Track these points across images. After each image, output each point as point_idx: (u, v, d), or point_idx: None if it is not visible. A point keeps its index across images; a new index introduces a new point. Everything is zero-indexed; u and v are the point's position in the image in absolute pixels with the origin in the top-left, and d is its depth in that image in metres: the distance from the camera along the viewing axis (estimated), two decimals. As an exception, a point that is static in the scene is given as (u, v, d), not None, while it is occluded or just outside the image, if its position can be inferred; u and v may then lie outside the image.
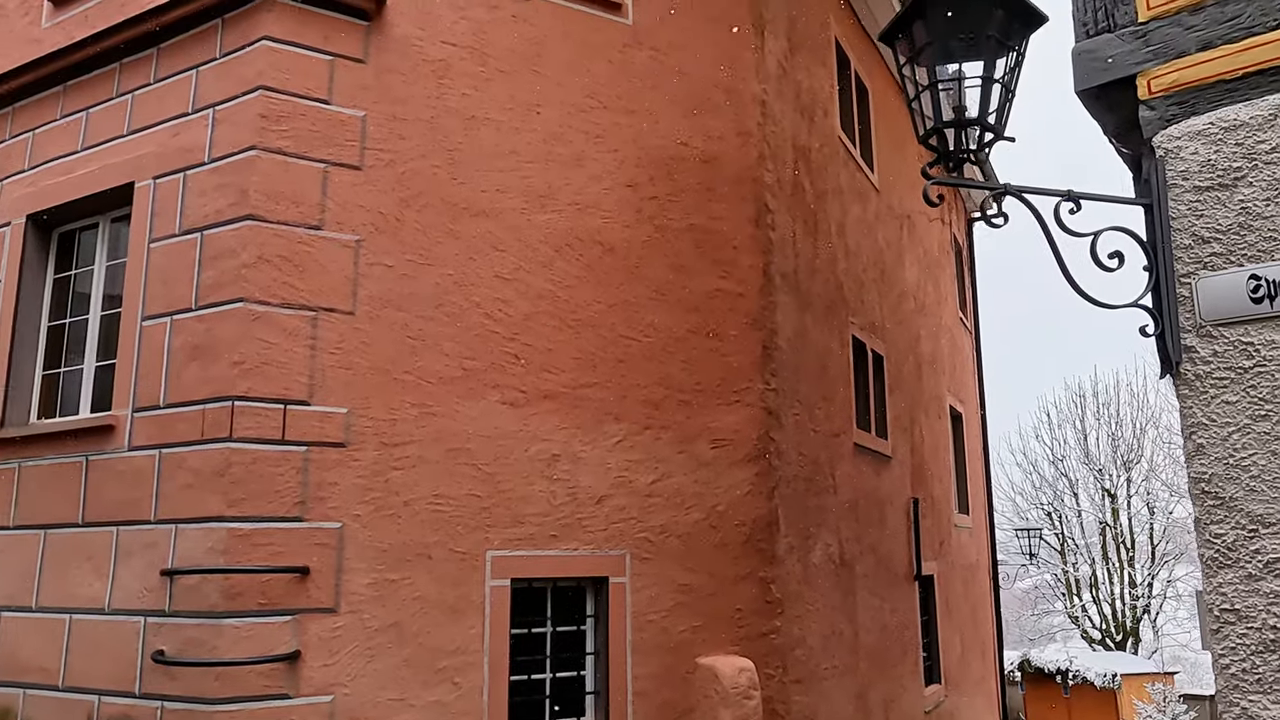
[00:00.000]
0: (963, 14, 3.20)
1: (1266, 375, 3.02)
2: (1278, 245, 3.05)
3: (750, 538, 6.11)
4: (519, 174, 5.77)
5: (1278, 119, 3.12)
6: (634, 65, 6.31)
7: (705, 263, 6.31)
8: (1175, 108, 3.37)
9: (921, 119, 3.34)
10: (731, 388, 6.24)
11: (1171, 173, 3.29)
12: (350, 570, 4.90)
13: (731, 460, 6.13)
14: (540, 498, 5.49)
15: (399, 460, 5.13)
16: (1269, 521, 2.96)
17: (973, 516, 13.53)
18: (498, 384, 5.48)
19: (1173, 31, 3.40)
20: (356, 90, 5.37)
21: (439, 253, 5.45)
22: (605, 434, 5.76)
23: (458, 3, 5.75)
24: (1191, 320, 3.18)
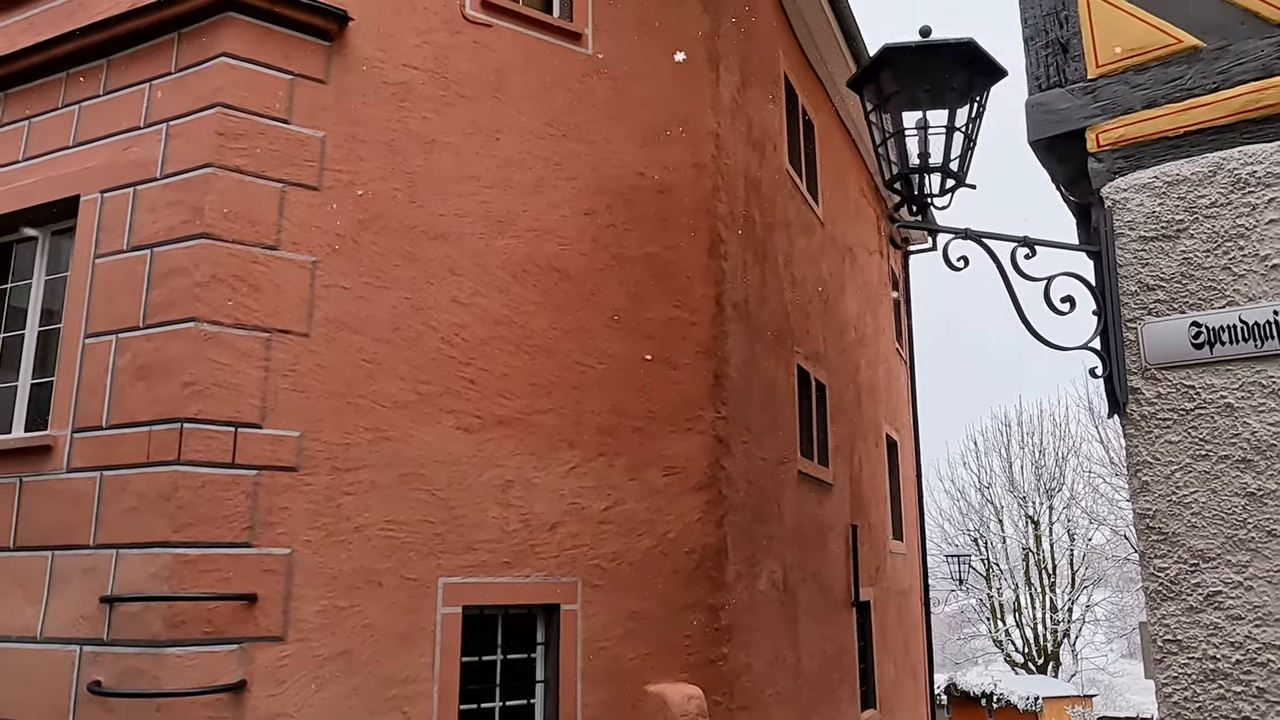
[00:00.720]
0: (927, 66, 3.34)
1: (1206, 417, 3.20)
2: (1217, 294, 3.24)
3: (700, 565, 6.16)
4: (478, 199, 5.78)
5: (1217, 175, 3.32)
6: (593, 95, 6.38)
7: (660, 291, 6.38)
8: (1122, 161, 3.55)
9: (888, 164, 3.46)
10: (683, 415, 6.30)
11: (1119, 222, 3.47)
12: (299, 597, 4.81)
13: (683, 488, 6.18)
14: (493, 524, 5.46)
15: (351, 485, 5.06)
16: (1209, 556, 3.12)
17: (906, 543, 13.83)
18: (453, 409, 5.45)
19: (1120, 89, 3.60)
20: (316, 110, 5.32)
21: (396, 275, 5.41)
22: (559, 460, 5.76)
23: (420, 27, 5.75)
24: (1137, 363, 3.34)
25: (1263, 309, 3.16)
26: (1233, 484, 3.13)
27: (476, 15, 5.99)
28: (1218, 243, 3.28)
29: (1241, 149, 3.31)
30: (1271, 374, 3.12)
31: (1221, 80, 3.40)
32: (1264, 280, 3.18)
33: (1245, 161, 3.29)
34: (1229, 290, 3.23)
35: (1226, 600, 3.09)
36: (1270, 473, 3.07)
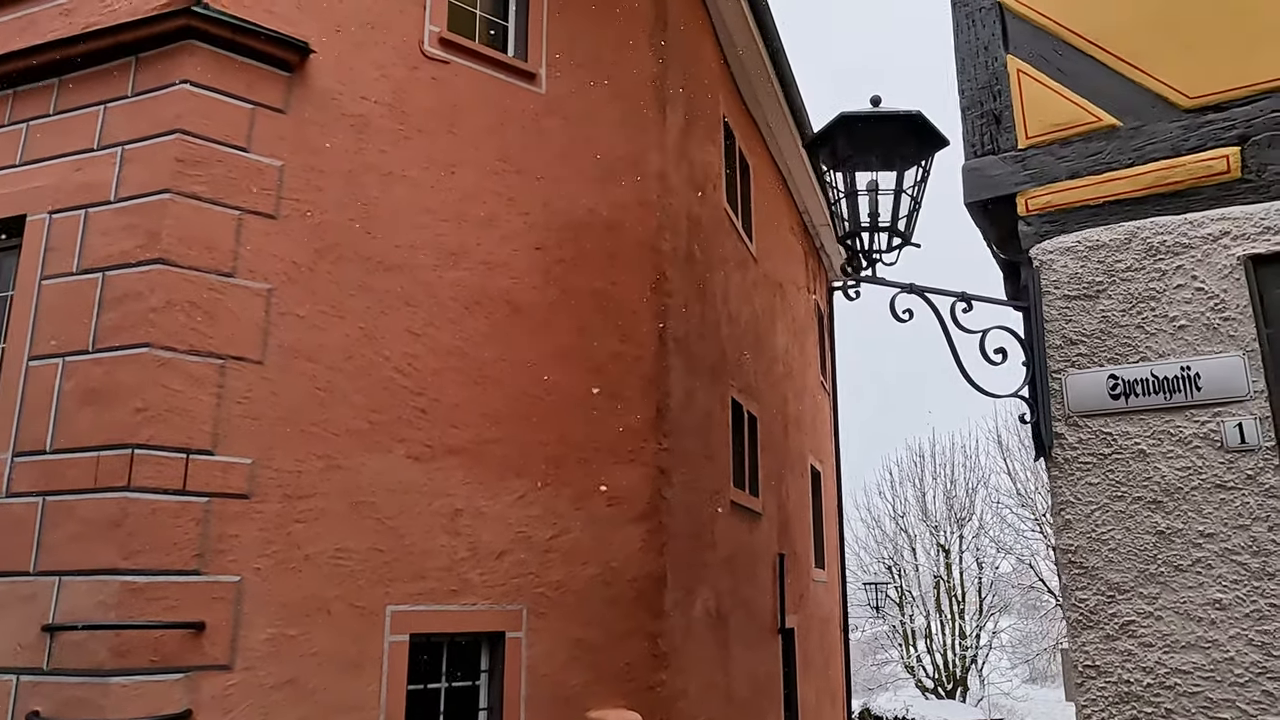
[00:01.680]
0: (878, 134, 3.62)
1: (1122, 461, 3.52)
2: (1132, 350, 3.58)
3: (641, 593, 6.32)
4: (432, 231, 5.88)
5: (1132, 242, 3.68)
6: (546, 133, 6.56)
7: (607, 326, 6.57)
8: (1048, 225, 3.89)
9: (841, 221, 3.73)
10: (627, 447, 6.47)
11: (1045, 281, 3.80)
12: (248, 625, 4.80)
13: (626, 517, 6.34)
14: (442, 552, 5.53)
15: (302, 513, 5.08)
16: (1124, 588, 3.43)
17: (828, 571, 14.21)
18: (404, 438, 5.52)
19: (1046, 160, 3.95)
20: (275, 140, 5.37)
21: (351, 305, 5.47)
22: (507, 489, 5.87)
23: (379, 60, 5.86)
24: (1061, 411, 3.66)
25: (1171, 365, 3.51)
26: (1145, 523, 3.45)
27: (435, 52, 6.12)
28: (1132, 303, 3.63)
29: (1153, 219, 3.67)
30: (1179, 424, 3.46)
31: (1136, 157, 3.77)
32: (1172, 339, 3.53)
33: (1157, 231, 3.65)
34: (1142, 347, 3.57)
35: (1139, 629, 3.40)
36: (1177, 513, 3.41)
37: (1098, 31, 3.94)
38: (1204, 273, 3.53)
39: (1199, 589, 3.33)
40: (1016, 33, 4.13)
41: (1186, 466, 3.41)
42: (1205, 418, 3.42)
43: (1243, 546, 3.29)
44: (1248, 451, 3.33)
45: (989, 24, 4.23)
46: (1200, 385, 3.44)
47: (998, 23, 4.20)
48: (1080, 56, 3.96)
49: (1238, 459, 3.35)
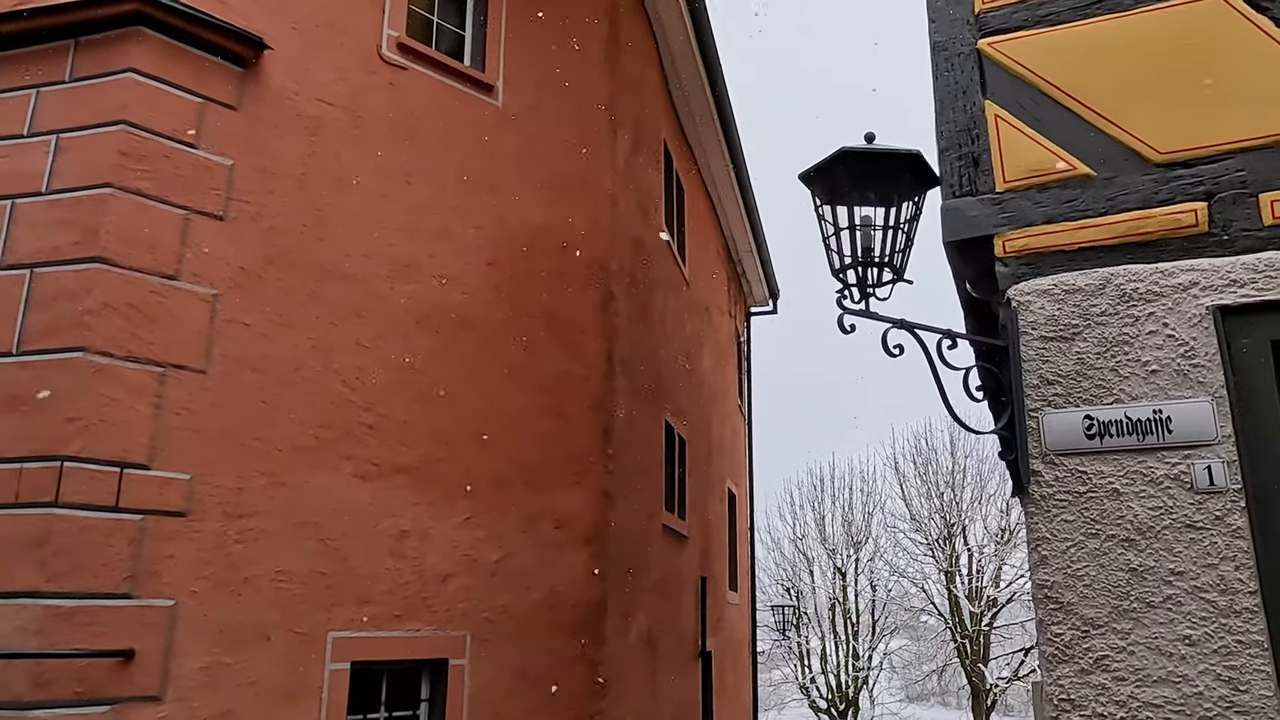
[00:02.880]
0: (873, 170, 3.67)
1: (1096, 500, 3.63)
2: (1106, 392, 3.71)
3: (583, 619, 6.20)
4: (385, 241, 5.69)
5: (1106, 288, 3.82)
6: (501, 147, 6.44)
7: (556, 345, 6.46)
8: (1025, 267, 4.01)
9: (836, 254, 3.75)
10: (574, 469, 6.37)
11: (1023, 322, 3.90)
12: (181, 653, 4.48)
13: (571, 541, 6.23)
14: (387, 575, 5.31)
15: (243, 533, 4.79)
16: (1098, 624, 3.53)
17: (740, 593, 14.33)
18: (351, 455, 5.29)
19: (1023, 204, 4.07)
20: (226, 138, 5.10)
21: (300, 315, 5.23)
22: (455, 511, 5.69)
23: (336, 63, 5.65)
24: (1038, 449, 3.75)
25: (1144, 407, 3.65)
26: (1118, 560, 3.57)
27: (393, 56, 5.94)
28: (1106, 347, 3.76)
29: (1126, 267, 3.82)
30: (1151, 465, 3.59)
31: (1110, 206, 3.92)
32: (1144, 383, 3.68)
33: (1129, 278, 3.80)
34: (1116, 389, 3.71)
35: (1112, 664, 3.50)
36: (1149, 551, 3.53)
37: (1073, 84, 4.09)
38: (1175, 320, 3.69)
39: (1170, 625, 3.46)
40: (994, 80, 4.26)
41: (1158, 506, 3.54)
42: (1176, 459, 3.56)
43: (1211, 585, 3.43)
44: (1216, 493, 3.48)
45: (968, 69, 4.35)
46: (1171, 428, 3.59)
47: (976, 69, 4.32)
48: (1056, 107, 4.10)
49: (1206, 500, 3.49)
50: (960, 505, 26.61)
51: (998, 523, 26.09)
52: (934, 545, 26.90)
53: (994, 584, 26.15)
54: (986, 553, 26.38)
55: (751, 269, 15.27)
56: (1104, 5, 4.14)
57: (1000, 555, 25.98)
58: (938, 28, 4.49)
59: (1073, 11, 4.19)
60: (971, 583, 26.21)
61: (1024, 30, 4.25)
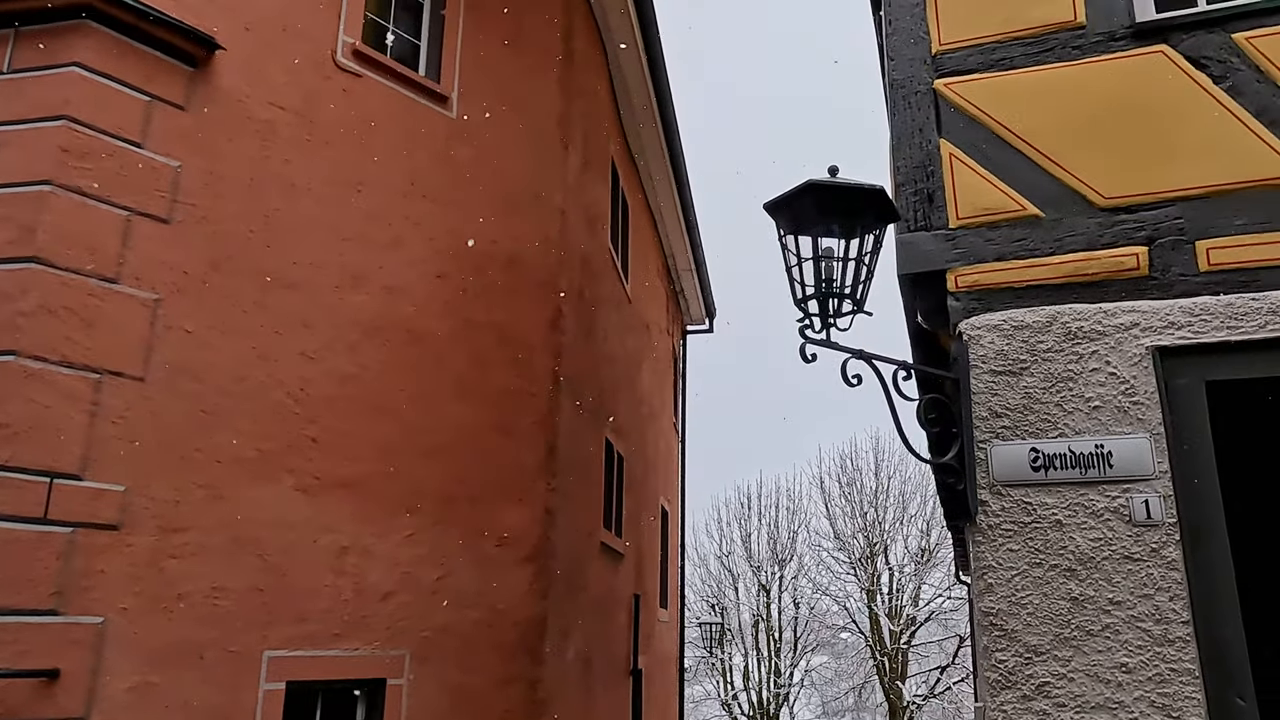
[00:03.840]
0: (836, 203, 3.74)
1: (1040, 530, 3.76)
2: (1051, 426, 3.84)
3: (523, 638, 6.14)
4: (335, 250, 5.58)
5: (1053, 325, 3.96)
6: (455, 158, 6.38)
7: (504, 360, 6.41)
8: (976, 302, 4.13)
9: (799, 285, 3.82)
10: (518, 486, 6.32)
11: (973, 356, 4.02)
12: (109, 673, 4.29)
13: (513, 559, 6.17)
14: (326, 593, 5.18)
15: (178, 547, 4.62)
16: (1040, 651, 3.65)
17: (669, 610, 14.36)
18: (293, 468, 5.15)
19: (975, 241, 4.20)
20: (173, 138, 4.95)
21: (244, 323, 5.08)
22: (397, 527, 5.58)
23: (290, 66, 5.53)
24: (986, 479, 3.87)
25: (1087, 442, 3.79)
26: (1060, 589, 3.69)
27: (347, 63, 5.85)
28: (1052, 382, 3.90)
29: (1072, 306, 3.97)
30: (1093, 497, 3.73)
31: (1057, 246, 4.08)
32: (1087, 418, 3.82)
33: (1075, 317, 3.95)
34: (1060, 424, 3.84)
35: (1054, 690, 3.61)
36: (1089, 581, 3.66)
37: (1023, 128, 4.25)
38: (1116, 359, 3.85)
39: (1108, 653, 3.59)
40: (949, 120, 4.39)
41: (1098, 538, 3.68)
42: (1116, 493, 3.70)
43: (1147, 614, 3.58)
44: (1152, 526, 3.63)
45: (924, 108, 4.48)
46: (1112, 463, 3.73)
47: (932, 108, 4.45)
48: (1008, 148, 4.25)
49: (1144, 533, 3.64)
50: (883, 525, 27.19)
51: (918, 543, 26.74)
52: (856, 564, 27.40)
53: (913, 603, 26.75)
54: (907, 572, 26.99)
55: (690, 287, 15.40)
56: (1054, 54, 4.31)
57: (920, 575, 26.61)
58: (896, 66, 4.61)
59: (1025, 58, 4.36)
60: (892, 601, 26.77)
61: (978, 73, 4.40)
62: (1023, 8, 4.38)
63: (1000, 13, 4.41)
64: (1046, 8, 4.33)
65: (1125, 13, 4.22)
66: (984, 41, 4.42)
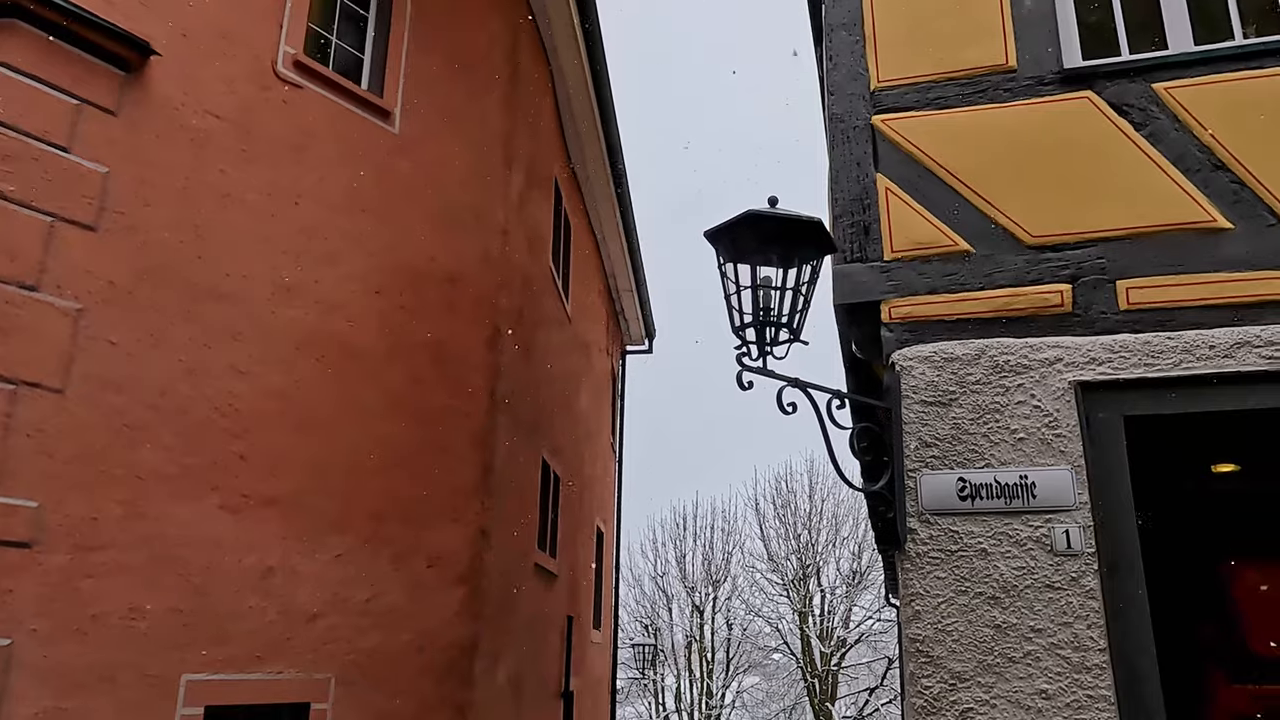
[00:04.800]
0: (775, 233, 3.80)
1: (966, 559, 3.84)
2: (979, 456, 3.94)
3: (453, 661, 6.05)
4: (269, 263, 5.47)
5: (981, 358, 4.07)
6: (396, 174, 6.32)
7: (440, 378, 6.35)
8: (908, 333, 4.23)
9: (738, 313, 3.86)
10: (452, 506, 6.25)
11: (905, 386, 4.11)
12: (15, 698, 4.11)
13: (445, 580, 6.08)
14: (250, 614, 5.04)
15: (94, 566, 4.46)
16: (965, 678, 3.72)
17: (602, 632, 14.28)
18: (218, 485, 5.02)
19: (909, 273, 4.30)
20: (103, 144, 4.81)
21: (172, 335, 4.95)
22: (326, 547, 5.47)
23: (228, 75, 5.43)
24: (915, 508, 3.94)
25: (1011, 473, 3.89)
26: (984, 617, 3.78)
27: (288, 74, 5.77)
28: (980, 414, 4.01)
29: (999, 340, 4.09)
30: (1016, 527, 3.83)
31: (987, 281, 4.20)
32: (1013, 449, 3.93)
33: (1002, 351, 4.07)
34: (987, 454, 3.94)
35: (976, 716, 3.68)
36: (1012, 609, 3.75)
37: (956, 165, 4.37)
38: (1041, 393, 3.96)
39: (1029, 680, 3.68)
40: (886, 155, 4.50)
41: (1021, 566, 3.78)
42: (1039, 523, 3.81)
43: (1066, 642, 3.68)
44: (1072, 556, 3.74)
45: (861, 142, 4.58)
46: (1035, 494, 3.84)
47: (869, 143, 4.56)
48: (941, 185, 4.36)
49: (1064, 562, 3.75)
50: (816, 547, 27.47)
51: (850, 565, 27.07)
52: (789, 585, 27.62)
53: (844, 625, 27.05)
54: (838, 594, 27.29)
55: (630, 308, 15.45)
56: (986, 95, 4.45)
57: (851, 597, 26.93)
58: (836, 100, 4.72)
59: (959, 98, 4.49)
60: (823, 623, 27.03)
61: (915, 111, 4.52)
62: (957, 50, 4.52)
63: (936, 54, 4.55)
64: (979, 51, 4.48)
65: (1053, 59, 4.39)
66: (920, 80, 4.55)
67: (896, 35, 4.68)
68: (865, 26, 4.74)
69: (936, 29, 4.61)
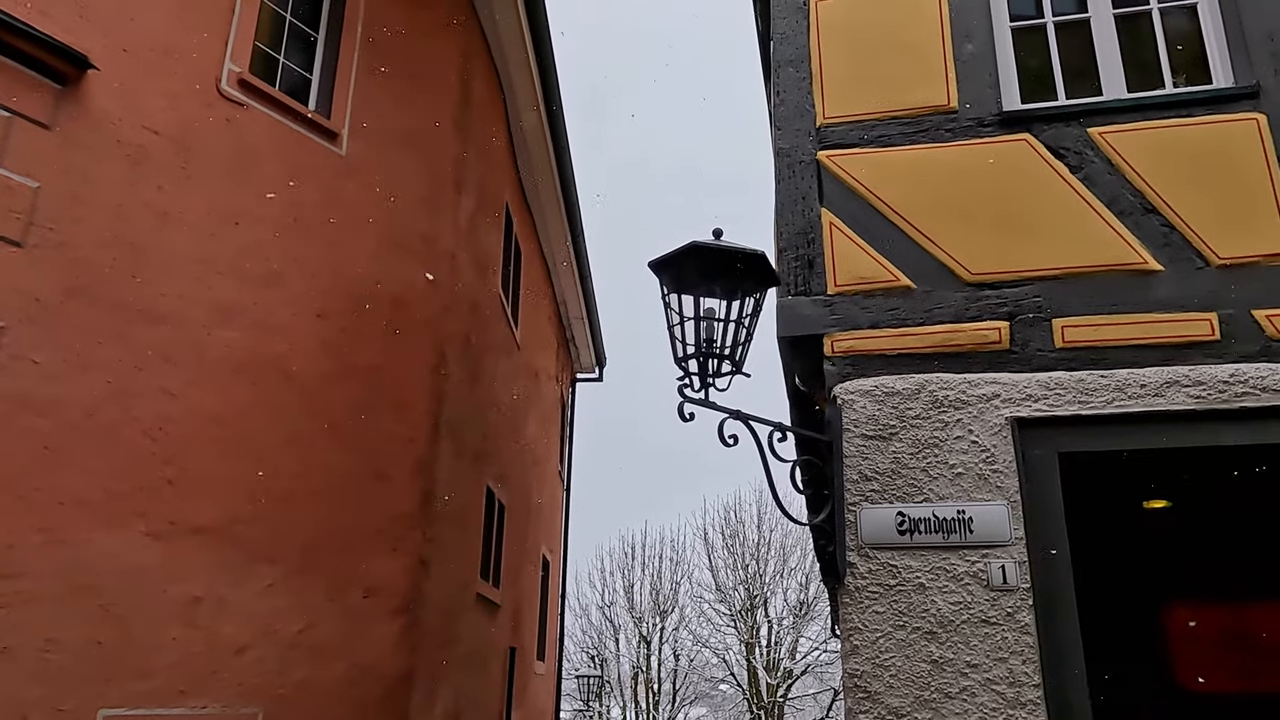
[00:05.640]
0: (719, 266, 3.81)
1: (904, 593, 3.85)
2: (917, 491, 3.96)
3: (387, 694, 5.89)
4: (206, 284, 5.34)
5: (921, 393, 4.10)
6: (342, 196, 6.23)
7: (382, 404, 6.24)
8: (850, 368, 4.25)
9: (681, 344, 3.85)
10: (390, 535, 6.11)
11: (847, 420, 4.12)
12: (-84, 735, 3.90)
13: (381, 611, 5.94)
14: (173, 646, 4.85)
15: (9, 596, 4.26)
16: (902, 713, 3.71)
17: (546, 663, 14.07)
18: (145, 512, 4.85)
19: (851, 308, 4.34)
20: (34, 157, 4.67)
21: (100, 356, 4.79)
22: (256, 576, 5.30)
23: (170, 91, 5.33)
24: (855, 542, 3.94)
25: (949, 507, 3.92)
26: (921, 652, 3.78)
27: (232, 92, 5.67)
28: (919, 449, 4.03)
29: (939, 375, 4.13)
30: (954, 562, 3.85)
31: (927, 317, 4.25)
32: (951, 484, 3.96)
33: (941, 386, 4.11)
34: (926, 489, 3.97)
35: (913, 752, 3.68)
36: (949, 644, 3.76)
37: (899, 202, 4.43)
38: (979, 428, 4.01)
39: (964, 715, 3.68)
40: (831, 190, 4.55)
41: (958, 601, 3.79)
42: (975, 558, 3.83)
43: (1001, 677, 3.69)
44: (1008, 591, 3.77)
45: (807, 177, 4.63)
46: (972, 528, 3.87)
47: (815, 178, 4.61)
48: (884, 221, 4.42)
49: (1000, 597, 3.77)
50: (764, 578, 27.47)
51: (797, 595, 27.10)
52: (737, 616, 27.56)
53: (790, 656, 27.03)
54: (785, 625, 27.29)
55: (581, 335, 15.41)
56: (928, 135, 4.53)
57: (798, 628, 26.95)
58: (782, 135, 4.76)
59: (901, 136, 4.57)
60: (770, 654, 26.99)
61: (859, 148, 4.59)
62: (901, 90, 4.61)
63: (880, 93, 4.63)
64: (922, 91, 4.57)
65: (993, 101, 4.48)
66: (865, 118, 4.62)
67: (842, 74, 4.75)
68: (812, 64, 4.81)
69: (881, 69, 4.69)
